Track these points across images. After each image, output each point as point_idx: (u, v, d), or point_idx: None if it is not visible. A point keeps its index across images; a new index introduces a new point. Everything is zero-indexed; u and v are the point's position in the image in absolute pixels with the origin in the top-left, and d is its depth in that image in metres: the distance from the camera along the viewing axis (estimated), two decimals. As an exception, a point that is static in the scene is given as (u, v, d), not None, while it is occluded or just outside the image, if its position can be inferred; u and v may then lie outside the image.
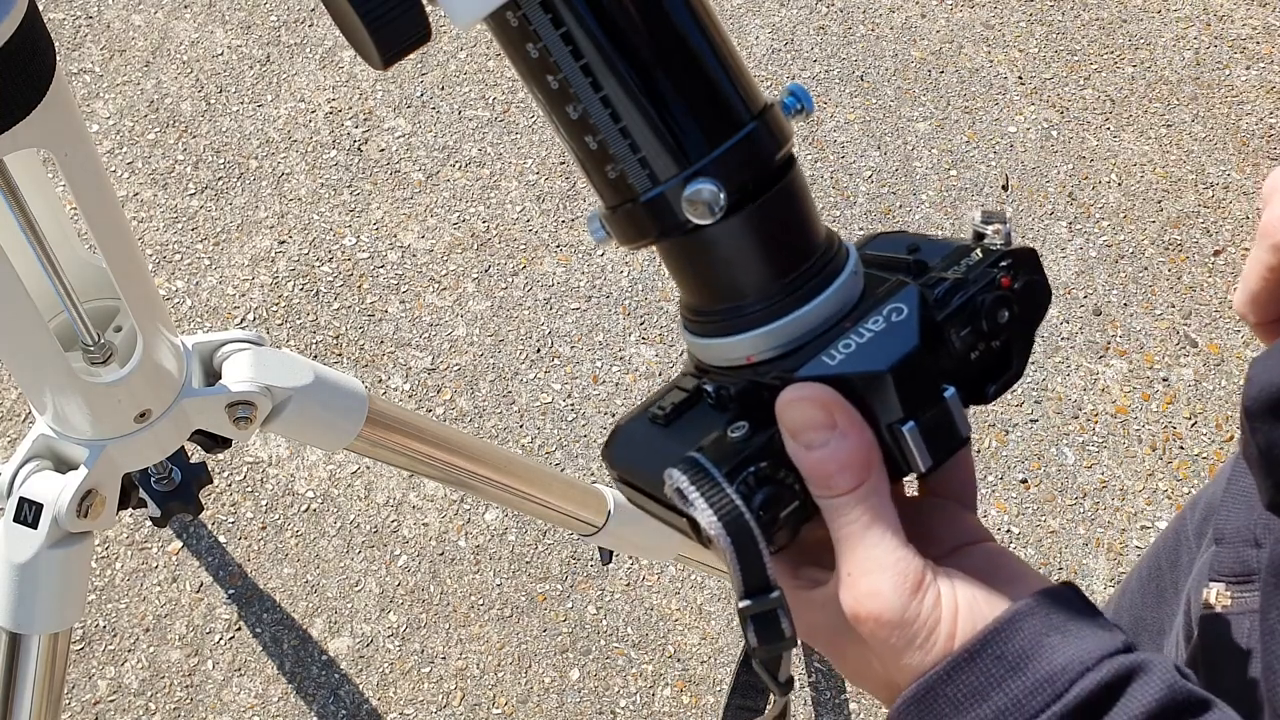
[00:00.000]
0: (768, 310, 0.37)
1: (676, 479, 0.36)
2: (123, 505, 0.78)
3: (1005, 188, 1.84)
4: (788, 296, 0.37)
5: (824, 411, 0.35)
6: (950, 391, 0.36)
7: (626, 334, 1.68)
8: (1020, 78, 1.98)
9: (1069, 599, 0.35)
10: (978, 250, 0.39)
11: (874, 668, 0.37)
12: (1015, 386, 1.71)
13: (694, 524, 0.36)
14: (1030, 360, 0.39)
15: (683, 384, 0.41)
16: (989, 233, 0.40)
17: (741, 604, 0.35)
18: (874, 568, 0.35)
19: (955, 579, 0.36)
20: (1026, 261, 0.39)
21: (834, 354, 0.36)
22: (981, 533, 0.40)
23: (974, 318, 0.37)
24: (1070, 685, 0.32)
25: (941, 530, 0.38)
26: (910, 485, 0.42)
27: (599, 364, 1.65)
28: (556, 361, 1.65)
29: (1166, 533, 0.70)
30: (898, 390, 0.36)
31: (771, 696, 0.42)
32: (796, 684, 1.43)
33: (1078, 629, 0.34)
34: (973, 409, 0.40)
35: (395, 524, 1.52)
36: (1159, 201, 1.84)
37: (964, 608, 0.35)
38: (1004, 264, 0.38)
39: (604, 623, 1.46)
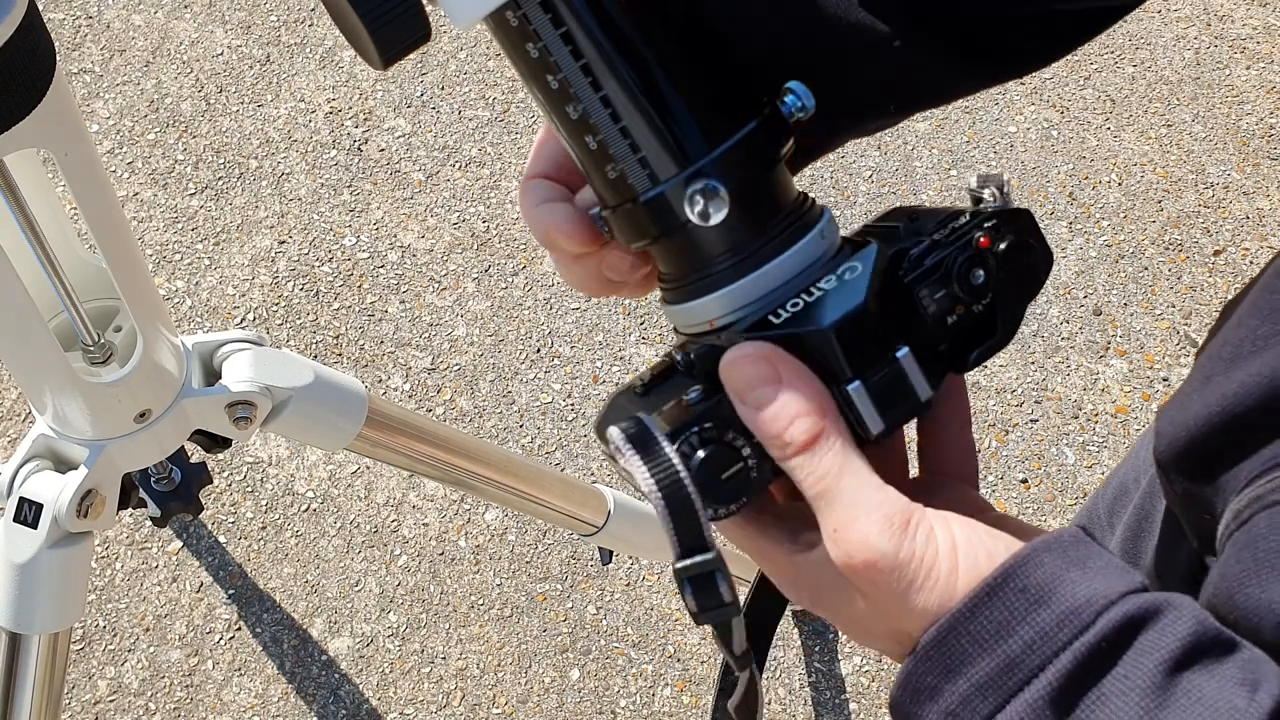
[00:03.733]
0: (727, 272, 0.37)
1: (614, 437, 0.35)
2: (123, 505, 0.78)
3: (1005, 188, 1.84)
4: (748, 259, 0.37)
5: (766, 366, 0.35)
6: (904, 351, 0.36)
7: (626, 334, 1.68)
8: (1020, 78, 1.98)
9: (1083, 540, 0.35)
10: (967, 214, 0.38)
11: (880, 622, 0.36)
12: (1016, 387, 1.69)
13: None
14: (1030, 360, 0.38)
15: (671, 353, 0.41)
16: (985, 196, 0.39)
17: (677, 565, 0.35)
18: (857, 515, 0.34)
19: (949, 516, 0.35)
20: (1016, 223, 0.38)
21: (780, 313, 0.36)
22: (986, 505, 0.39)
23: (946, 279, 0.36)
24: (1096, 618, 0.32)
25: (945, 506, 0.37)
26: (912, 468, 0.42)
27: (599, 364, 1.65)
28: (556, 361, 1.65)
29: (1079, 515, 0.70)
30: (843, 349, 0.35)
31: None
32: (797, 684, 1.43)
33: (1096, 565, 0.34)
34: (974, 408, 0.40)
35: (395, 524, 1.52)
36: (1159, 201, 1.84)
37: (963, 543, 0.34)
38: (988, 225, 0.37)
39: (604, 623, 1.46)
